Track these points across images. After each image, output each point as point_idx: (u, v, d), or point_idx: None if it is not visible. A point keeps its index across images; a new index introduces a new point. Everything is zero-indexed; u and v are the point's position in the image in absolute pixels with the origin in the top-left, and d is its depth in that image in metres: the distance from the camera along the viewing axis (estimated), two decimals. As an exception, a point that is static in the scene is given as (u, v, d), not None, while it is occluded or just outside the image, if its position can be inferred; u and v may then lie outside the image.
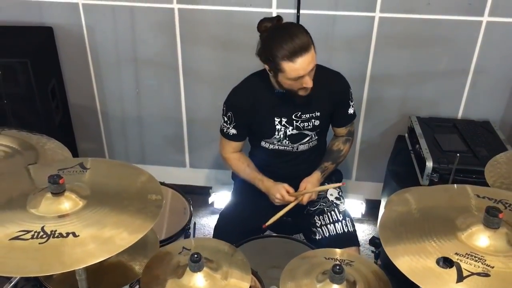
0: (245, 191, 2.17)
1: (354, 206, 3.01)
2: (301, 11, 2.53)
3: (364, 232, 2.97)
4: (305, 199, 1.98)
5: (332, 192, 2.12)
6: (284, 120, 1.97)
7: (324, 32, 2.60)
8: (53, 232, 1.15)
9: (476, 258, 1.11)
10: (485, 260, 1.10)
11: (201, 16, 2.64)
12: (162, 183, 2.29)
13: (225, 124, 2.04)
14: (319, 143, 2.10)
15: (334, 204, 2.07)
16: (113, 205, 1.27)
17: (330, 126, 2.15)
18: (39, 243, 1.12)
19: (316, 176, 2.02)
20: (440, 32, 2.54)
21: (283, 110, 1.95)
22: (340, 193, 2.15)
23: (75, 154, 3.08)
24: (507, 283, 1.05)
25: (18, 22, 2.72)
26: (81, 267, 1.10)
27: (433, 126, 2.64)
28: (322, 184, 2.08)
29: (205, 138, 3.05)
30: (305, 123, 1.98)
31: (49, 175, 1.23)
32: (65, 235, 1.14)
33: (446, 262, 1.12)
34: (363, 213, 3.03)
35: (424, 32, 2.55)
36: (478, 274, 1.07)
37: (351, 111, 2.07)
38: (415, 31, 2.55)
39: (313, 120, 1.98)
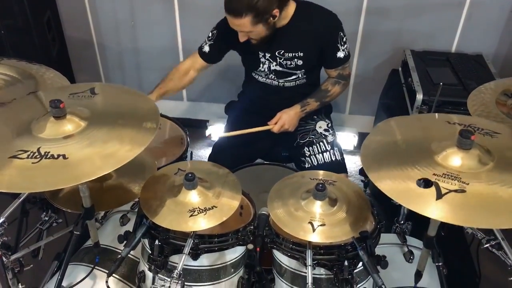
0: (238, 123, 2.24)
1: (347, 138, 3.10)
2: None
3: (355, 163, 3.07)
4: (276, 128, 2.01)
5: (320, 124, 2.18)
6: (267, 54, 1.99)
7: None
8: (46, 153, 1.22)
9: (452, 177, 1.20)
10: (461, 178, 1.19)
11: None
12: (160, 115, 2.36)
13: (205, 40, 2.08)
14: (308, 81, 2.10)
15: (323, 136, 2.14)
16: (108, 129, 1.32)
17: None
18: (32, 163, 1.19)
19: (294, 108, 2.03)
20: (437, -37, 2.52)
21: (267, 45, 1.96)
22: (329, 125, 2.20)
23: (73, 86, 3.13)
24: (481, 197, 1.15)
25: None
26: (63, 187, 1.17)
27: (426, 60, 2.67)
28: (310, 119, 2.15)
29: (202, 72, 3.08)
30: (287, 61, 1.99)
31: (50, 100, 1.30)
32: (56, 156, 1.21)
33: (425, 183, 1.20)
34: (355, 145, 3.12)
35: (421, -37, 2.53)
36: (455, 191, 1.16)
37: (340, 54, 1.98)
38: (412, -38, 2.53)
39: (295, 60, 1.98)
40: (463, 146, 1.23)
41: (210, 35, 2.06)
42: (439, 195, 1.15)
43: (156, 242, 1.41)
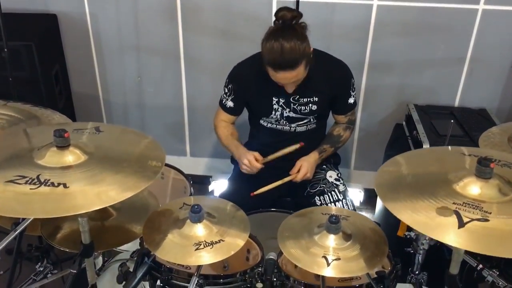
0: (244, 175, 2.20)
1: (353, 195, 3.04)
2: (302, -1, 2.58)
3: (362, 220, 2.99)
4: (299, 177, 1.98)
5: (331, 174, 2.15)
6: (281, 101, 1.99)
7: (323, 20, 2.65)
8: (46, 181, 1.18)
9: (474, 206, 1.14)
10: (483, 207, 1.14)
11: (203, 4, 2.70)
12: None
13: (224, 95, 2.08)
14: (318, 126, 2.11)
15: (334, 185, 2.10)
16: (112, 164, 1.29)
17: (331, 112, 2.17)
18: (30, 189, 1.15)
19: (313, 156, 2.03)
20: (437, 20, 2.59)
21: (281, 91, 1.97)
22: (339, 175, 2.17)
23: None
24: (506, 226, 1.09)
25: (24, 10, 2.78)
26: (61, 215, 1.12)
27: (430, 113, 2.67)
28: (319, 168, 2.12)
29: (206, 127, 3.08)
30: (302, 107, 1.99)
31: (54, 129, 1.27)
32: (56, 185, 1.17)
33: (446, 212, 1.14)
34: (361, 201, 3.06)
35: (421, 20, 2.60)
36: (478, 219, 1.10)
37: (351, 100, 2.06)
38: (412, 19, 2.61)
39: (310, 105, 1.99)
40: (482, 175, 1.19)
41: (227, 90, 2.06)
42: (461, 224, 1.09)
43: (158, 282, 1.32)
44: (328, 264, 1.20)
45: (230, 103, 2.07)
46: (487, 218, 1.09)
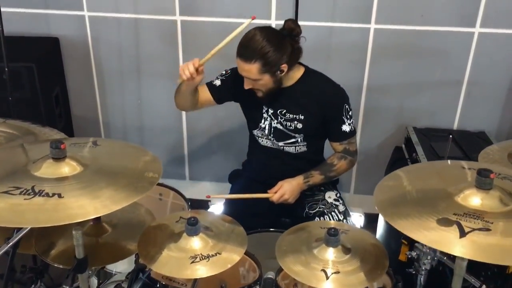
0: (241, 191, 2.16)
1: (353, 219, 2.99)
2: (299, 23, 2.61)
3: (363, 244, 2.94)
4: (275, 197, 1.93)
5: (329, 194, 2.12)
6: (270, 111, 1.99)
7: (321, 43, 2.69)
8: (40, 191, 1.17)
9: (475, 216, 1.13)
10: (484, 218, 1.12)
11: (203, 28, 2.74)
12: (161, 184, 2.32)
13: (216, 76, 2.05)
14: (309, 151, 2.06)
15: (334, 205, 2.07)
16: (108, 175, 1.29)
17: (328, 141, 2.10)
18: (24, 199, 1.15)
19: (298, 179, 1.97)
20: (433, 43, 2.62)
21: (272, 102, 1.97)
22: (338, 195, 2.14)
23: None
24: (508, 234, 1.08)
25: (26, 33, 2.82)
26: (55, 224, 1.11)
27: (429, 136, 2.68)
28: (317, 190, 2.08)
29: (205, 151, 3.08)
30: (288, 122, 1.97)
31: (51, 141, 1.27)
32: (50, 195, 1.16)
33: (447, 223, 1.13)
34: (362, 226, 3.01)
35: (418, 43, 2.64)
36: (480, 229, 1.08)
37: (345, 128, 1.97)
38: (409, 42, 2.64)
39: (295, 122, 1.96)
40: (483, 186, 1.18)
41: (223, 72, 2.05)
42: (462, 233, 1.07)
43: (153, 299, 1.28)
44: (327, 278, 1.18)
45: (217, 81, 2.04)
46: (488, 228, 1.08)
